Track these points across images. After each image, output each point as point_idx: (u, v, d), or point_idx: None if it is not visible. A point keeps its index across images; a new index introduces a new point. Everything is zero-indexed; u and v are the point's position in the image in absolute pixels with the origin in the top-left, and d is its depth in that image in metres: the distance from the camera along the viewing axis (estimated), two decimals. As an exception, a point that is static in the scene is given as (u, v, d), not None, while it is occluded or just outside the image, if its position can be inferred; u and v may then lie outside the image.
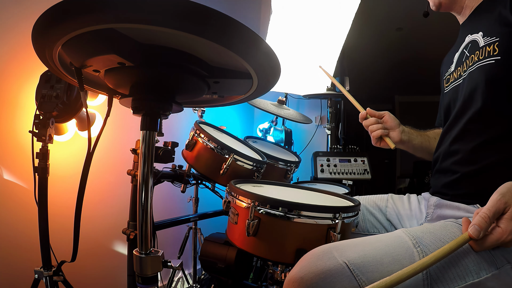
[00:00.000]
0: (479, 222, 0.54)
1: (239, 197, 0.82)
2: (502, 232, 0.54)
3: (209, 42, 0.48)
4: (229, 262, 1.05)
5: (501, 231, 0.54)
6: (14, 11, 1.10)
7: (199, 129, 1.09)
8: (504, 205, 0.55)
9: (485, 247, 0.56)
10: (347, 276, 0.53)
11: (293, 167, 1.33)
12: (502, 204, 0.55)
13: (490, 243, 0.55)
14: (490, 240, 0.55)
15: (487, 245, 0.55)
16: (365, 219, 0.94)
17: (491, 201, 0.56)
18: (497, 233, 0.55)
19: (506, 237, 0.54)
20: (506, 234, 0.54)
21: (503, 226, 0.54)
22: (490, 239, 0.55)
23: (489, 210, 0.55)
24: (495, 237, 0.55)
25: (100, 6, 0.42)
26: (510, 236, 0.54)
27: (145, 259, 0.62)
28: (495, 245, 0.55)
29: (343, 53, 2.04)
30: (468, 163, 0.74)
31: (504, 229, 0.54)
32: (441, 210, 0.79)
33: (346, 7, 1.83)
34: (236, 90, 0.74)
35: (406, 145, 0.96)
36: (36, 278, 0.97)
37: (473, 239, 0.55)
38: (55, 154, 1.19)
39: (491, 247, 0.56)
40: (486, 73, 0.71)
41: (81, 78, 0.61)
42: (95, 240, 1.37)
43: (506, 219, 0.55)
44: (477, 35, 0.77)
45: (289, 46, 1.93)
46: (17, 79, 1.12)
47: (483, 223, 0.54)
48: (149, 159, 0.62)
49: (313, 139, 2.38)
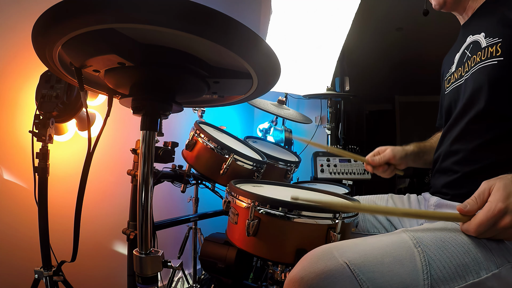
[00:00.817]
0: (466, 201, 0.58)
1: (239, 197, 0.82)
2: (490, 203, 0.55)
3: (209, 42, 0.48)
4: (229, 262, 1.05)
5: (489, 203, 0.55)
6: (14, 11, 1.10)
7: (199, 129, 1.09)
8: (488, 185, 0.57)
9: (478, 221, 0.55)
10: (348, 276, 0.53)
11: (293, 167, 1.33)
12: (487, 185, 0.57)
13: (482, 216, 0.55)
14: (481, 213, 0.55)
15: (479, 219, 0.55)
16: (365, 219, 0.94)
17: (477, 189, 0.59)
18: (486, 206, 0.55)
19: (495, 206, 0.53)
20: (495, 204, 0.54)
21: (490, 198, 0.55)
22: (481, 212, 0.56)
23: (475, 193, 0.58)
24: (485, 209, 0.55)
25: (100, 6, 0.42)
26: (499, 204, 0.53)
27: (145, 259, 0.62)
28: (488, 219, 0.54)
29: (343, 53, 2.04)
30: (469, 163, 0.74)
31: (491, 200, 0.55)
32: (441, 210, 0.79)
33: (346, 7, 1.83)
34: (236, 90, 0.74)
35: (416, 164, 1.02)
36: (36, 278, 0.97)
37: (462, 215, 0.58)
38: (55, 154, 1.19)
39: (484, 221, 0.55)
40: (488, 74, 0.71)
41: (81, 78, 0.61)
42: (95, 240, 1.37)
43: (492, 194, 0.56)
44: (479, 36, 0.77)
45: (289, 46, 1.93)
46: (17, 79, 1.12)
47: (469, 201, 0.57)
48: (149, 159, 0.62)
49: (313, 139, 2.38)
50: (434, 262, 0.55)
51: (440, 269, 0.55)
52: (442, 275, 0.55)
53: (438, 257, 0.56)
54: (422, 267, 0.55)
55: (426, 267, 0.55)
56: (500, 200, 0.54)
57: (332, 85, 2.09)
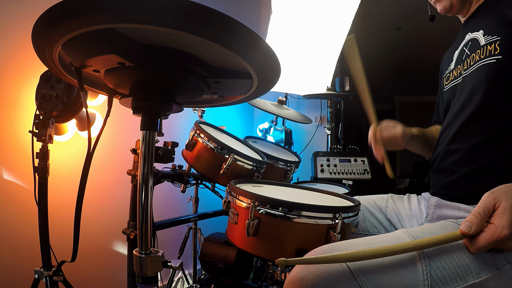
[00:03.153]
0: (470, 218, 0.55)
1: (239, 197, 0.82)
2: (495, 228, 0.53)
3: (209, 42, 0.48)
4: (229, 262, 1.05)
5: (494, 228, 0.53)
6: (14, 11, 1.10)
7: (199, 129, 1.09)
8: (493, 201, 0.55)
9: (481, 245, 0.54)
10: (348, 277, 0.53)
11: (293, 167, 1.33)
12: (492, 199, 0.55)
13: (485, 241, 0.54)
14: (485, 238, 0.54)
15: (482, 243, 0.54)
16: (365, 219, 0.94)
17: (481, 199, 0.56)
18: (490, 230, 0.54)
19: (500, 233, 0.52)
20: (500, 229, 0.52)
21: (496, 222, 0.53)
22: (484, 236, 0.54)
23: (479, 207, 0.55)
24: (489, 234, 0.53)
25: (100, 6, 0.42)
26: (505, 231, 0.52)
27: (145, 259, 0.62)
28: (491, 243, 0.54)
29: (343, 53, 2.04)
30: (468, 163, 0.74)
31: (497, 225, 0.53)
32: (441, 210, 0.79)
33: (346, 7, 1.83)
34: (236, 90, 0.74)
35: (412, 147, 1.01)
36: (36, 278, 0.97)
37: (465, 236, 0.55)
38: (55, 154, 1.19)
39: (487, 245, 0.54)
40: (487, 72, 0.71)
41: (81, 78, 0.61)
42: (95, 240, 1.37)
43: (497, 215, 0.54)
44: (477, 34, 0.77)
45: (289, 46, 1.93)
46: (17, 79, 1.12)
47: (473, 219, 0.54)
48: (149, 159, 0.62)
49: (313, 139, 2.38)
50: (434, 262, 0.55)
51: (440, 269, 0.55)
52: (442, 276, 0.55)
53: (438, 257, 0.56)
54: (422, 268, 0.55)
55: (426, 268, 0.55)
56: (506, 226, 0.52)
57: (332, 85, 2.09)
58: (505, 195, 0.55)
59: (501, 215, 0.53)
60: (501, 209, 0.54)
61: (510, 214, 0.52)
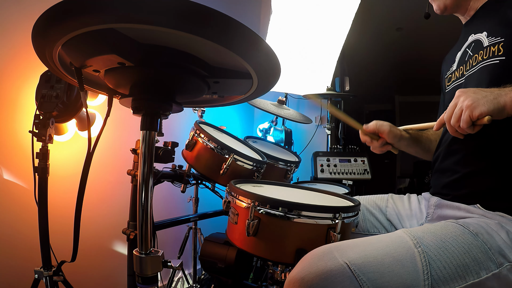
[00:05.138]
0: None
1: (239, 197, 0.82)
2: (457, 102, 0.63)
3: (209, 42, 0.48)
4: (229, 262, 1.05)
5: (455, 103, 0.63)
6: (14, 11, 1.10)
7: (199, 129, 1.09)
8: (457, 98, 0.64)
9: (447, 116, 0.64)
10: (348, 277, 0.53)
11: (293, 167, 1.33)
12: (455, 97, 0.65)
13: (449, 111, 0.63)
14: (450, 107, 0.63)
15: (448, 114, 0.64)
16: (365, 219, 0.94)
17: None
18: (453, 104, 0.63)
19: (463, 102, 0.61)
20: (462, 101, 0.61)
21: (457, 94, 0.64)
22: (450, 107, 0.64)
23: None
24: (452, 106, 0.63)
25: (100, 6, 0.42)
26: (466, 102, 0.60)
27: (145, 259, 0.62)
28: (451, 107, 0.63)
29: (343, 53, 2.04)
30: (468, 163, 0.74)
31: (457, 95, 0.63)
32: (441, 210, 0.79)
33: (346, 7, 1.83)
34: (236, 90, 0.74)
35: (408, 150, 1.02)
36: (36, 278, 0.97)
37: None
38: (55, 154, 1.19)
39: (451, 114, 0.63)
40: (490, 73, 0.71)
41: (81, 78, 0.61)
42: (95, 240, 1.37)
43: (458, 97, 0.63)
44: (481, 35, 0.77)
45: (289, 46, 1.93)
46: (17, 79, 1.12)
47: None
48: (149, 159, 0.62)
49: (313, 139, 2.38)
50: (435, 262, 0.55)
51: (441, 269, 0.55)
52: (442, 276, 0.55)
53: (438, 257, 0.56)
54: (422, 268, 0.55)
55: (427, 268, 0.55)
56: (467, 99, 0.61)
57: (332, 85, 2.09)
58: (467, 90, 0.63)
59: (461, 95, 0.63)
60: (461, 92, 0.64)
61: (469, 92, 0.62)
